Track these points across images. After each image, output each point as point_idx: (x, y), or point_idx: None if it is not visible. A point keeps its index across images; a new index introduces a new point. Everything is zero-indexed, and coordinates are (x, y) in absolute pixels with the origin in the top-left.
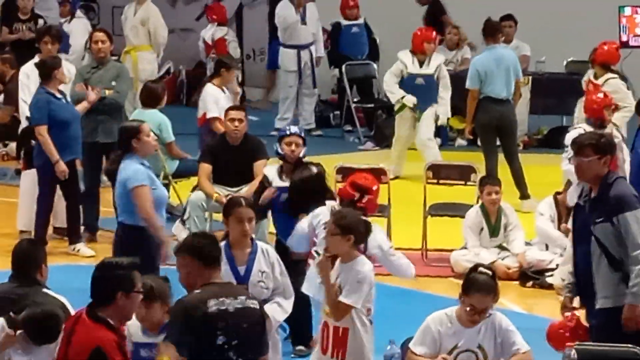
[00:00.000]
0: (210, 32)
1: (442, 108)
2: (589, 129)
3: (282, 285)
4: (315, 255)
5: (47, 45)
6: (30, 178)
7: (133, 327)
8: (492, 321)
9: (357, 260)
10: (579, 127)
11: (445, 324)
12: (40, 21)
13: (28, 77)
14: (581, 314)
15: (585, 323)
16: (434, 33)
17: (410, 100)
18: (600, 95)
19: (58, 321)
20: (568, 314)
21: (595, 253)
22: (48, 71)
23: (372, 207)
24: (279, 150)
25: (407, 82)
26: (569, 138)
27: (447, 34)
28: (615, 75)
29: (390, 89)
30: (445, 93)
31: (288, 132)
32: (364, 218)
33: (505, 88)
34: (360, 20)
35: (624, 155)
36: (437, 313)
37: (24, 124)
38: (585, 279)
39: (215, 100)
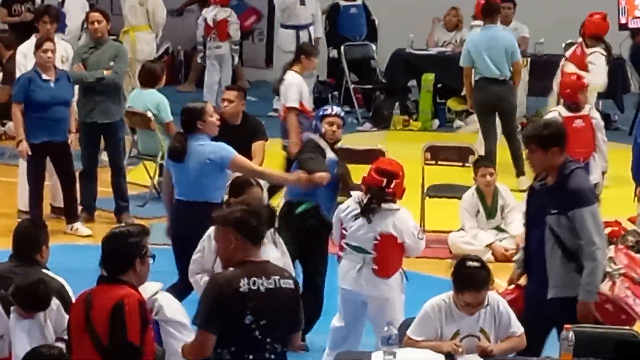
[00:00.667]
0: (212, 13)
1: None
2: (565, 112)
3: (284, 266)
4: (346, 247)
5: (46, 25)
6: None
7: None
8: (490, 304)
9: None
10: (555, 110)
11: (444, 310)
12: (38, 0)
13: (25, 56)
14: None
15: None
16: None
17: None
18: (574, 77)
19: (46, 286)
20: (511, 287)
21: (549, 241)
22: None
23: (401, 192)
24: (320, 128)
25: None
26: None
27: (446, 15)
28: (599, 50)
29: None
30: None
31: (331, 112)
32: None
33: (498, 68)
34: (359, 1)
35: (603, 136)
36: (435, 300)
37: None
38: (538, 263)
39: (299, 89)
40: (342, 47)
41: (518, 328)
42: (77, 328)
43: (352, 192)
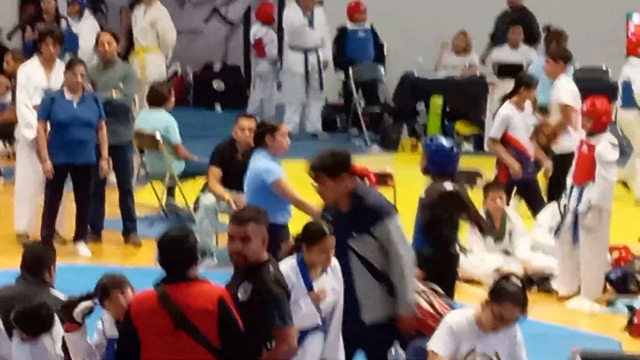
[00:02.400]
0: (254, 29)
1: None
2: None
3: (339, 297)
4: None
5: (49, 47)
6: (22, 179)
7: (107, 323)
8: (510, 331)
9: None
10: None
11: (465, 327)
12: (63, 22)
13: (28, 78)
14: None
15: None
16: None
17: None
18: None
19: (48, 310)
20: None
21: (355, 266)
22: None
23: None
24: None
25: None
26: None
27: (455, 39)
28: None
29: None
30: None
31: None
32: None
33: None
34: (367, 25)
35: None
36: (457, 316)
37: (21, 125)
38: (347, 291)
39: (505, 121)
40: (350, 69)
41: (524, 359)
42: (160, 330)
43: None
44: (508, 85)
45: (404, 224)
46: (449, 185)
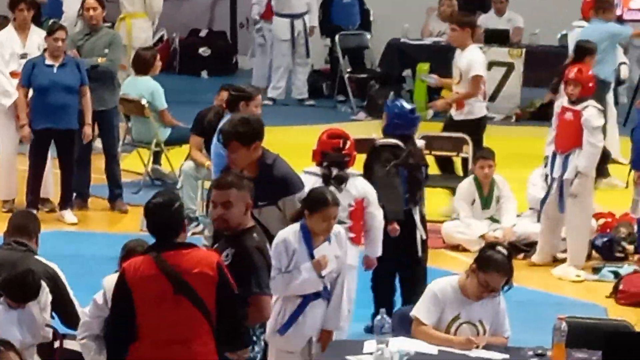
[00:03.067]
0: None
1: None
2: (565, 102)
3: (343, 265)
4: None
5: (23, 13)
6: (1, 145)
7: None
8: (494, 299)
9: None
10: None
11: (450, 293)
12: None
13: (2, 45)
14: None
15: None
16: None
17: None
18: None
19: (34, 277)
20: None
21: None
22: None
23: (354, 157)
24: None
25: None
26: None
27: (441, 5)
28: None
29: None
30: None
31: None
32: None
33: None
34: None
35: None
36: (442, 282)
37: None
38: None
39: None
40: (336, 36)
41: (507, 330)
42: (159, 295)
43: (308, 170)
44: (494, 51)
45: None
46: (390, 141)
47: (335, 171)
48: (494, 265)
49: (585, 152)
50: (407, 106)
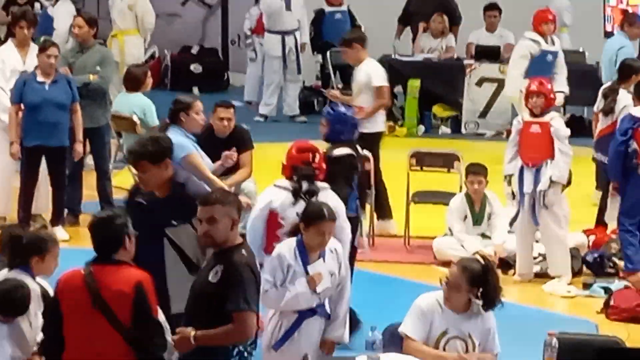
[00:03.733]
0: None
1: None
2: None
3: (344, 279)
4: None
5: (23, 30)
6: (2, 163)
7: None
8: (483, 315)
9: None
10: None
11: (436, 307)
12: (37, 5)
13: (3, 62)
14: None
15: None
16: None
17: None
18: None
19: (23, 291)
20: None
21: (169, 256)
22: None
23: (323, 170)
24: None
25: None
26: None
27: (432, 21)
28: None
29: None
30: None
31: None
32: None
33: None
34: (344, 7)
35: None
36: (427, 297)
37: None
38: (158, 280)
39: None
40: (327, 53)
41: (496, 347)
42: (79, 307)
43: (278, 183)
44: (485, 68)
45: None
46: (344, 150)
47: (305, 185)
48: (458, 261)
49: (558, 161)
50: (346, 112)
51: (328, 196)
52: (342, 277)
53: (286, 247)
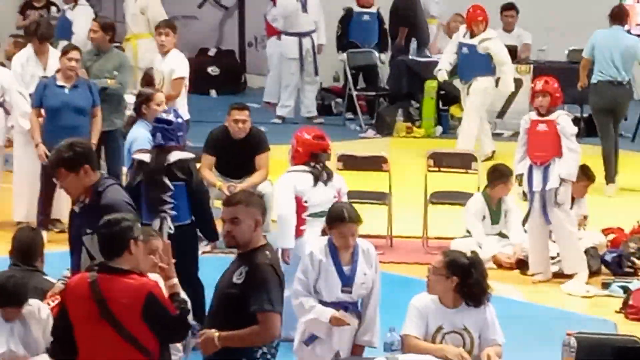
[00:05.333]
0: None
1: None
2: (534, 115)
3: (374, 282)
4: (309, 218)
5: (36, 43)
6: (19, 168)
7: None
8: (479, 308)
9: None
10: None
11: (430, 305)
12: (53, 9)
13: (22, 67)
14: None
15: None
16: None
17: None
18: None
19: (16, 281)
20: None
21: (86, 264)
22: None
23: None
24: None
25: None
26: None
27: (450, 21)
28: None
29: None
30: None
31: None
32: None
33: (619, 71)
34: (373, 9)
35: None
36: (420, 296)
37: (17, 115)
38: None
39: None
40: (344, 54)
41: (499, 337)
42: (87, 317)
43: (295, 168)
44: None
45: (399, 207)
46: (176, 155)
47: (321, 169)
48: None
49: (567, 158)
50: (172, 117)
51: (335, 176)
52: (370, 278)
53: (318, 245)
